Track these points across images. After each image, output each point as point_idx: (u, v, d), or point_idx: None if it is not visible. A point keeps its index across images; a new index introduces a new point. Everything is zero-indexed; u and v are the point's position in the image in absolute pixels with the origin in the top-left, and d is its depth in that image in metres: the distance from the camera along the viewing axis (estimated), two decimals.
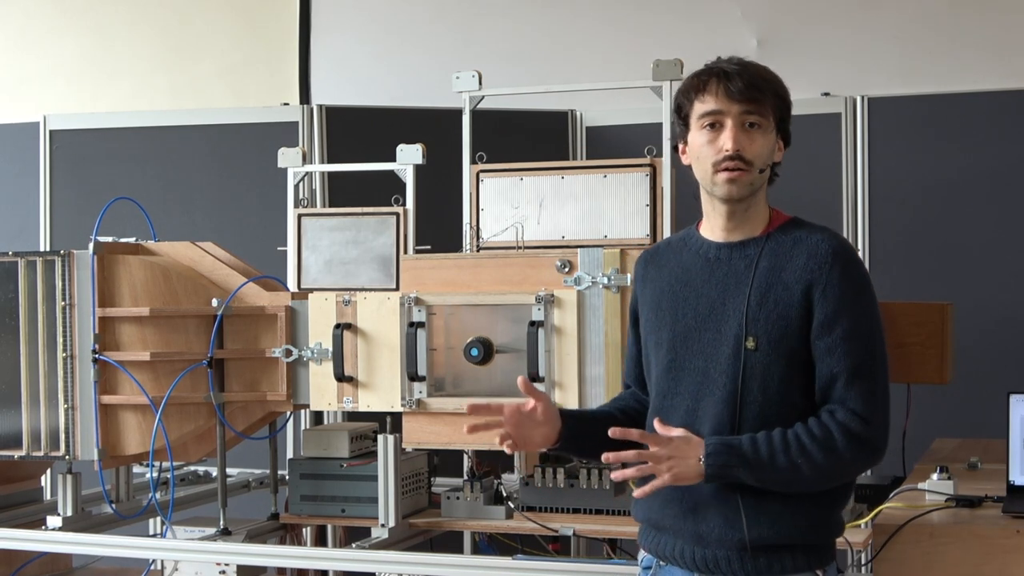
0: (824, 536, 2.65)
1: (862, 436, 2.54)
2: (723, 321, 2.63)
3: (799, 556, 2.60)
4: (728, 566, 2.60)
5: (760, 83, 2.60)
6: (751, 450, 2.52)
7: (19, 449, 4.05)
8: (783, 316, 2.58)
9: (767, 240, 2.65)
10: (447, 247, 4.11)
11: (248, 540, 3.96)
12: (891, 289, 5.31)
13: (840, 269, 2.58)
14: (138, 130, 6.05)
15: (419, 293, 3.82)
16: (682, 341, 2.67)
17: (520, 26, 6.46)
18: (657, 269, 2.78)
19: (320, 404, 4.01)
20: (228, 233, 5.25)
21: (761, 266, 2.62)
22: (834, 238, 2.63)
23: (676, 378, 2.67)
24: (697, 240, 2.73)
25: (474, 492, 3.97)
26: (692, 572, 2.65)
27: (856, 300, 2.58)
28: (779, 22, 6.11)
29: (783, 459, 2.51)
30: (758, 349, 2.58)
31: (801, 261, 2.60)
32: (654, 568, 2.74)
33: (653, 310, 2.75)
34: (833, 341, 2.56)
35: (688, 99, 2.65)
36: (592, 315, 3.69)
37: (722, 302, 2.64)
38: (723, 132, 2.60)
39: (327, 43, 6.81)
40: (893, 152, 5.48)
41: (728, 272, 2.65)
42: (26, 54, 7.18)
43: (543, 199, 4.12)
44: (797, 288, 2.58)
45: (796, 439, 2.53)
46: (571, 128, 6.00)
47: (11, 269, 4.05)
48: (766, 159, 2.62)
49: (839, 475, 2.65)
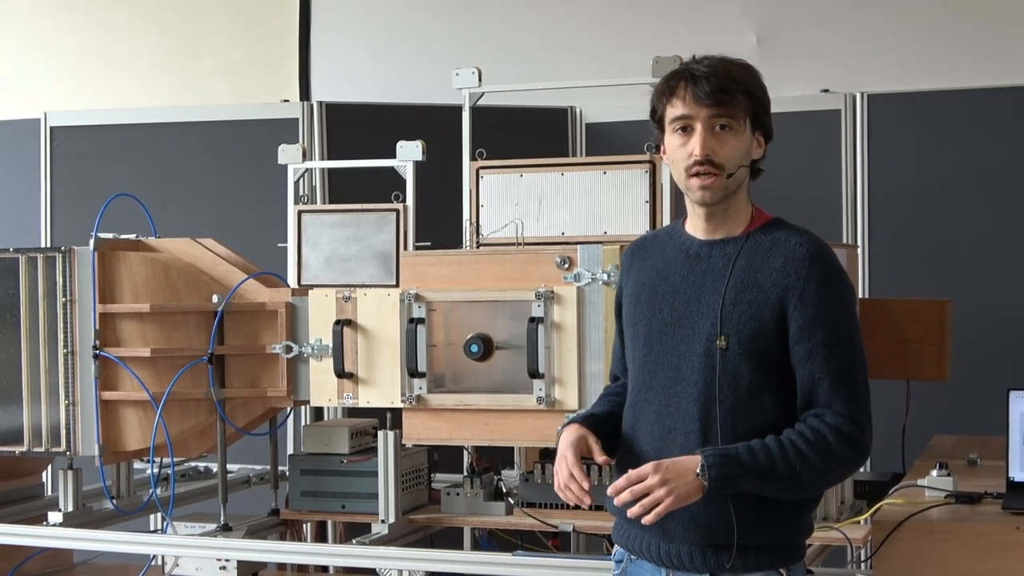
0: (789, 537, 2.65)
1: (854, 437, 2.55)
2: (697, 318, 2.63)
3: (763, 555, 2.61)
4: (691, 562, 2.62)
5: (729, 84, 2.58)
6: (750, 459, 2.51)
7: (20, 445, 4.05)
8: (755, 317, 2.58)
9: (747, 239, 2.65)
10: (447, 244, 4.11)
11: (248, 536, 3.96)
12: (890, 286, 5.33)
13: (818, 274, 2.58)
14: (139, 127, 6.05)
15: (419, 289, 3.83)
16: (657, 336, 2.68)
17: (520, 23, 6.46)
18: (641, 261, 2.79)
19: (320, 400, 4.02)
20: (228, 229, 5.24)
21: (738, 265, 2.62)
22: (813, 242, 2.62)
23: (651, 372, 2.68)
24: (681, 235, 2.74)
25: (474, 488, 3.98)
26: (659, 567, 2.67)
27: (835, 306, 2.58)
28: (778, 19, 6.11)
29: (783, 466, 2.51)
30: (728, 348, 2.58)
31: (778, 264, 2.59)
32: (625, 562, 2.77)
33: (633, 303, 2.76)
34: (813, 347, 2.56)
35: (660, 103, 2.66)
36: (592, 311, 3.69)
37: (698, 299, 2.64)
38: (693, 136, 2.60)
39: (327, 40, 6.81)
40: (892, 149, 5.48)
41: (706, 269, 2.66)
42: (27, 51, 7.18)
43: (543, 196, 4.12)
44: (773, 291, 2.58)
45: (792, 445, 2.53)
46: (571, 125, 6.00)
47: (12, 265, 4.05)
48: (739, 160, 2.61)
49: (833, 478, 2.68)
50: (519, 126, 5.72)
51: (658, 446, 2.63)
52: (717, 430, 2.57)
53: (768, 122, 2.67)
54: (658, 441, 2.64)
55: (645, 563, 2.70)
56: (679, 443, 2.60)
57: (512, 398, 3.73)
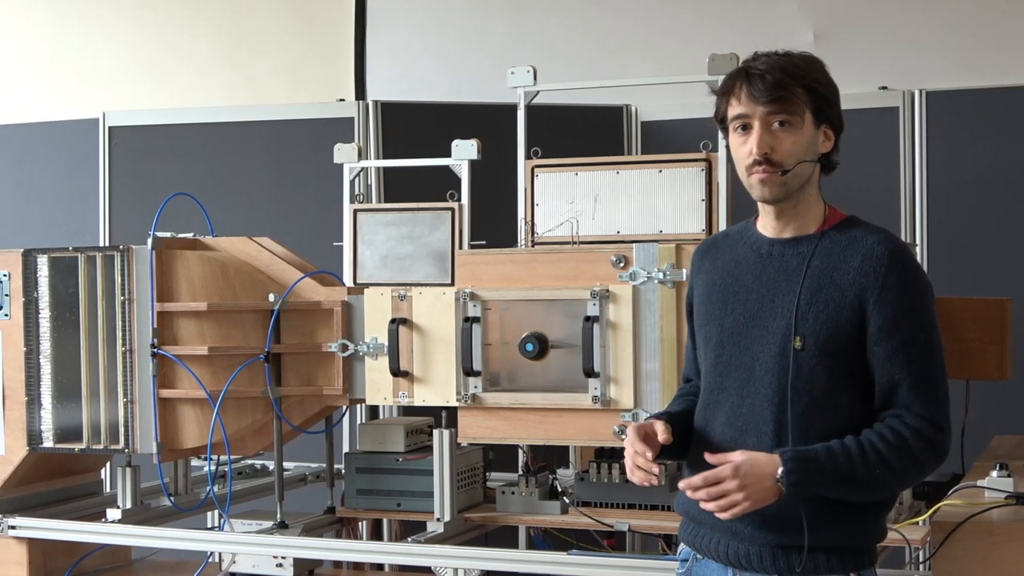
0: (862, 540, 2.61)
1: (934, 440, 2.52)
2: (771, 319, 2.60)
3: (833, 557, 2.57)
4: (760, 563, 2.58)
5: (785, 80, 2.56)
6: (829, 462, 2.48)
7: (79, 442, 4.09)
8: (833, 318, 2.55)
9: (821, 238, 2.62)
10: (502, 242, 4.11)
11: (305, 533, 3.98)
12: (949, 284, 5.25)
13: (897, 274, 2.54)
14: (196, 126, 6.10)
15: (474, 288, 3.83)
16: (729, 337, 2.65)
17: (575, 21, 6.45)
18: (712, 261, 2.76)
19: (376, 399, 4.02)
20: (285, 228, 5.27)
21: (814, 264, 2.59)
22: (891, 240, 2.59)
23: (723, 374, 2.66)
24: (752, 234, 2.71)
25: (529, 487, 3.97)
26: (726, 566, 2.64)
27: (915, 305, 2.55)
28: (836, 15, 6.07)
29: (863, 469, 2.48)
30: (804, 349, 2.55)
31: (856, 263, 2.56)
32: (691, 561, 2.74)
33: (704, 303, 2.74)
34: (893, 347, 2.53)
35: (722, 103, 2.66)
36: (647, 310, 3.68)
37: (771, 299, 2.61)
38: (751, 135, 2.59)
39: (382, 39, 6.83)
40: (951, 146, 5.43)
41: (780, 268, 2.63)
42: (85, 52, 7.26)
43: (598, 194, 4.11)
44: (850, 291, 2.55)
45: (872, 447, 2.49)
46: (626, 123, 5.98)
47: (71, 264, 4.09)
48: (799, 156, 2.58)
49: (911, 481, 2.64)
50: (574, 124, 5.72)
51: (730, 448, 2.59)
52: (790, 433, 2.54)
53: (835, 114, 2.64)
54: (730, 443, 2.61)
55: (711, 563, 2.68)
56: (751, 445, 2.57)
57: (567, 397, 3.72)
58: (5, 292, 4.13)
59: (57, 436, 4.11)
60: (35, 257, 4.12)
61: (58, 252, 4.11)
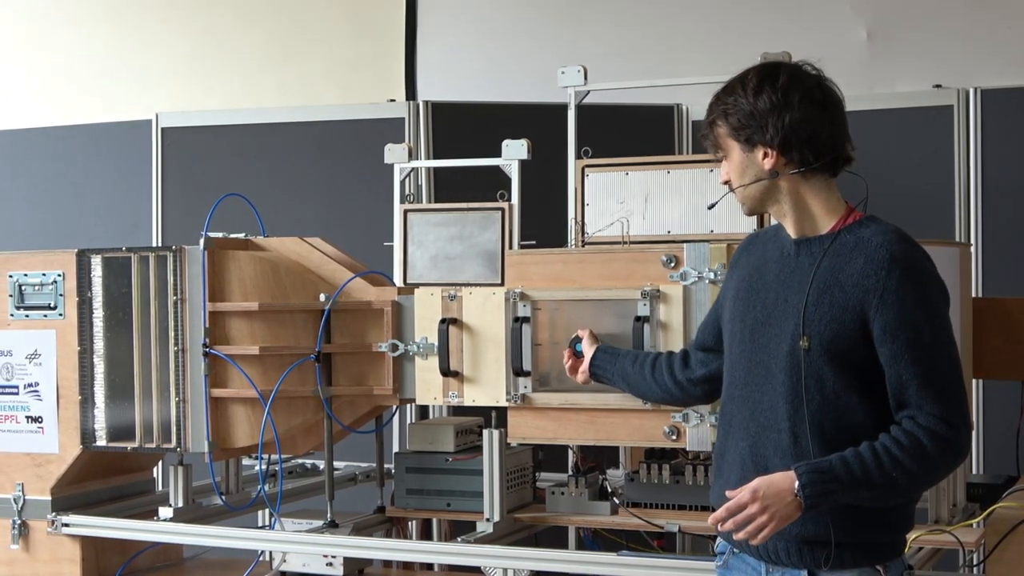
0: (887, 534, 2.64)
1: (949, 438, 2.53)
2: (784, 318, 2.65)
3: (859, 552, 2.61)
4: (788, 558, 2.63)
5: (706, 119, 2.74)
6: (844, 472, 2.51)
7: (132, 441, 4.12)
8: (836, 319, 2.58)
9: (835, 239, 2.65)
10: (552, 242, 4.11)
11: (355, 533, 3.99)
12: (1004, 284, 5.22)
13: (898, 275, 2.55)
14: (247, 127, 6.13)
15: (524, 288, 3.82)
16: (751, 333, 2.71)
17: (625, 20, 6.44)
18: (747, 257, 2.84)
19: (426, 398, 4.03)
20: (335, 228, 5.29)
21: (823, 265, 2.63)
22: (895, 242, 2.59)
23: (746, 368, 2.72)
24: (783, 234, 2.77)
25: (579, 487, 3.97)
26: (759, 560, 2.70)
27: (917, 305, 2.55)
28: (889, 14, 6.02)
29: (877, 474, 2.51)
30: (811, 349, 2.59)
31: (859, 265, 2.59)
32: (727, 554, 2.79)
33: (733, 299, 2.80)
34: (898, 348, 2.54)
35: None
36: (698, 310, 3.66)
37: (785, 299, 2.66)
38: None
39: (433, 39, 6.84)
40: (1006, 145, 5.37)
41: (794, 268, 2.68)
42: (138, 54, 7.31)
43: (648, 194, 4.10)
44: (853, 293, 2.58)
45: (886, 451, 2.51)
46: (676, 122, 5.96)
47: (124, 264, 4.12)
48: (738, 179, 2.71)
49: (930, 481, 2.67)
50: (625, 124, 5.70)
51: (752, 442, 2.67)
52: (806, 429, 2.58)
53: (763, 130, 2.65)
54: (753, 437, 2.67)
55: (747, 556, 2.73)
56: (772, 440, 2.63)
57: (617, 397, 3.71)
58: (60, 292, 4.17)
59: (110, 435, 4.14)
60: (89, 257, 4.15)
61: (112, 252, 4.14)
